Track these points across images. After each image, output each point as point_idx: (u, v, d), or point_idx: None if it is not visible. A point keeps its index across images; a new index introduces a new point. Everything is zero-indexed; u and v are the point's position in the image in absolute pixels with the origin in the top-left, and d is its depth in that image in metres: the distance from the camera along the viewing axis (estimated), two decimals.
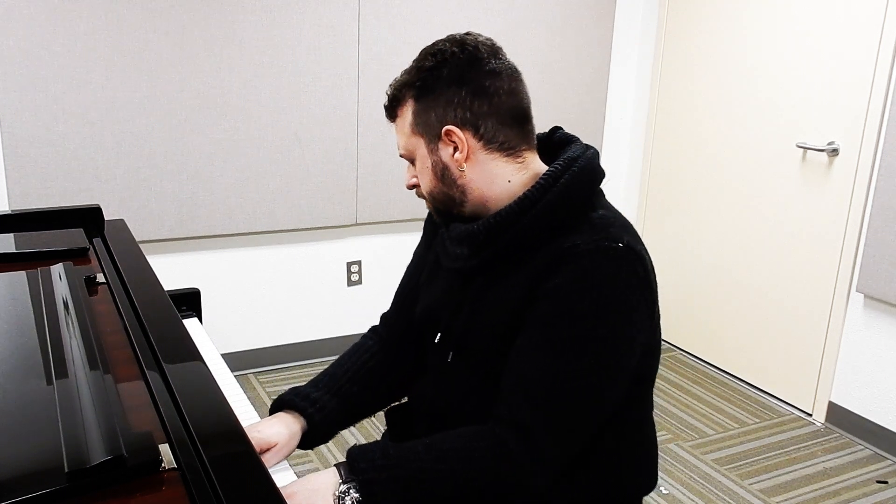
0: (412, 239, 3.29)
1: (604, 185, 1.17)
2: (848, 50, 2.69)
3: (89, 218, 1.60)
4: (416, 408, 1.32)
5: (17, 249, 1.45)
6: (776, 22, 2.94)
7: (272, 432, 1.19)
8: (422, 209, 3.22)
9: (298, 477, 1.10)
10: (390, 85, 1.18)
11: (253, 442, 1.20)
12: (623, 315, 1.05)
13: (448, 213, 1.19)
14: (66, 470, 0.75)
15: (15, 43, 2.44)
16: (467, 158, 1.13)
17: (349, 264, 3.24)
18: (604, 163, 3.64)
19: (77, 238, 1.51)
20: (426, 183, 1.18)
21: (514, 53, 3.81)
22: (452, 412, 1.21)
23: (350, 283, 3.26)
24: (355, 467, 1.03)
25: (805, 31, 2.83)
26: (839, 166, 2.77)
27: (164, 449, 0.82)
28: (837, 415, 2.87)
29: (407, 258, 1.50)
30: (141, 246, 1.52)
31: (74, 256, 1.44)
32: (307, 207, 3.02)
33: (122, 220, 1.65)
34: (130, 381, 0.99)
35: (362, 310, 3.29)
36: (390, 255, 3.28)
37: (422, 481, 1.03)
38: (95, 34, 2.54)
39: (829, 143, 2.78)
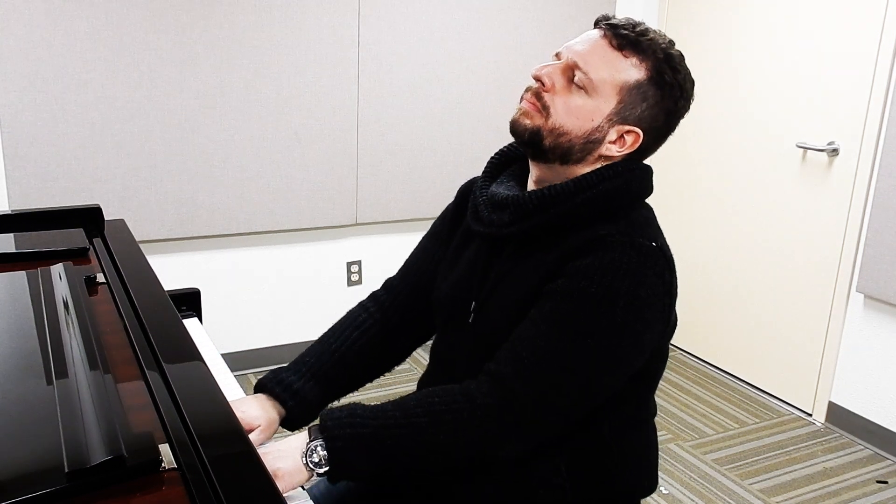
0: (412, 239, 3.28)
1: None
2: (848, 50, 2.69)
3: (89, 218, 1.60)
4: (433, 362, 1.33)
5: (17, 249, 1.45)
6: (776, 22, 2.94)
7: (253, 415, 1.20)
8: (422, 210, 3.21)
9: None
10: (650, 30, 1.12)
11: None
12: (636, 309, 1.04)
13: (543, 144, 1.13)
14: (66, 470, 0.75)
15: (15, 43, 2.44)
16: (611, 157, 1.15)
17: (349, 264, 3.24)
18: None
19: (77, 238, 1.51)
20: (572, 116, 1.12)
21: (514, 54, 3.78)
22: (460, 370, 1.21)
23: (350, 283, 3.26)
24: (323, 426, 1.05)
25: (805, 31, 2.83)
26: (839, 166, 2.77)
27: (164, 449, 0.82)
28: (837, 415, 2.87)
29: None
30: (141, 246, 1.51)
31: (74, 256, 1.44)
32: (307, 207, 3.02)
33: (122, 220, 1.65)
34: (130, 381, 0.99)
35: None
36: (390, 255, 3.28)
37: (386, 437, 1.03)
38: (95, 34, 2.54)
39: (829, 143, 2.78)
